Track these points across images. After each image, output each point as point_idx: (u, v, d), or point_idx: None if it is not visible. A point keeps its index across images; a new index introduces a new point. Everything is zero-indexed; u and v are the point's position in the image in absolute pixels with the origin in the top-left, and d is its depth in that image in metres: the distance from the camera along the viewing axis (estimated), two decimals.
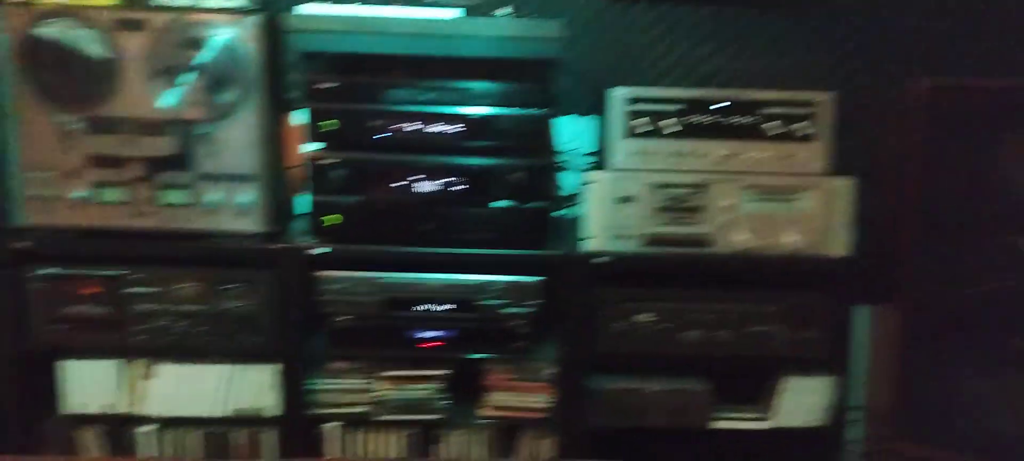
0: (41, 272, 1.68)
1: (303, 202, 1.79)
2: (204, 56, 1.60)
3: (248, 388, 1.78)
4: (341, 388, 1.79)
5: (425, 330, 1.76)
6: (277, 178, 1.75)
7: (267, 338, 1.74)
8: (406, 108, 1.69)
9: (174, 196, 1.67)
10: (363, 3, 1.72)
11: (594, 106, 1.89)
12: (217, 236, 1.69)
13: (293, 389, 1.77)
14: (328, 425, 1.80)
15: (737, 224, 1.72)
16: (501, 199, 1.71)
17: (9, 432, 1.74)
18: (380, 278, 1.73)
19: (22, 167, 1.64)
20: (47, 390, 1.76)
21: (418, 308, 1.74)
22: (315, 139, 1.68)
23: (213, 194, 1.67)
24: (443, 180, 1.70)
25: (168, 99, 1.61)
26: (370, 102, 1.69)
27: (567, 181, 1.99)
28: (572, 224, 1.82)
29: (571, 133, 2.00)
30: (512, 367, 1.80)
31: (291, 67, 1.75)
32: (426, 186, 1.70)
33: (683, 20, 2.06)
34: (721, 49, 2.07)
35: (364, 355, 1.79)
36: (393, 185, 1.70)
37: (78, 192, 1.65)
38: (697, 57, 2.08)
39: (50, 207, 1.66)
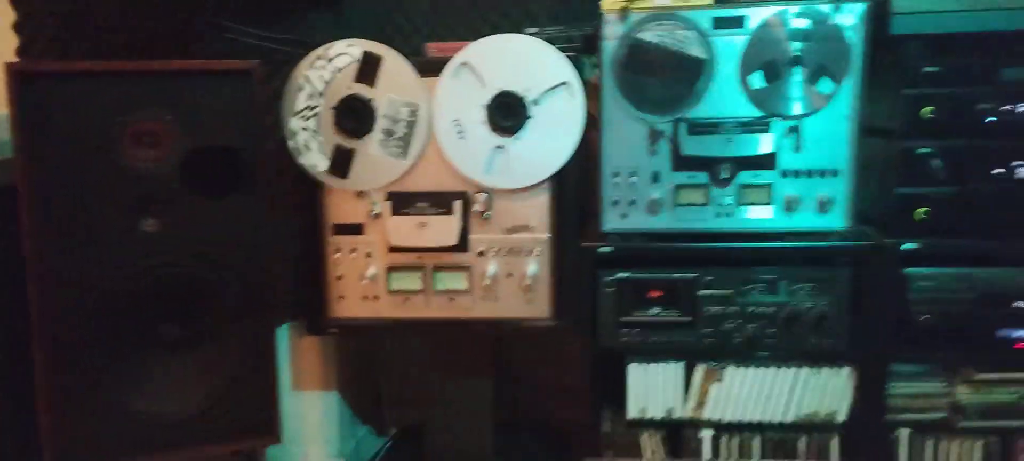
0: (614, 277, 1.69)
1: (885, 195, 1.69)
2: (805, 47, 1.55)
3: (818, 392, 1.71)
4: (916, 392, 1.69)
5: (1021, 329, 1.62)
6: (862, 171, 1.66)
7: (842, 340, 1.66)
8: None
9: (755, 195, 1.63)
10: None
11: None
12: (797, 235, 1.63)
13: (867, 393, 1.68)
14: (900, 431, 1.70)
15: None
16: None
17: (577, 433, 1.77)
18: (973, 274, 1.61)
19: (606, 172, 1.66)
20: (615, 393, 1.77)
21: (1018, 305, 1.61)
22: (911, 127, 1.58)
23: (794, 190, 1.61)
24: None
25: (757, 87, 1.57)
26: (977, 84, 1.56)
27: None
28: None
29: None
30: None
31: (890, 52, 1.65)
32: None
33: None
34: None
35: (948, 357, 1.67)
36: (994, 172, 1.58)
37: (655, 195, 1.65)
38: None
39: (627, 211, 1.67)
